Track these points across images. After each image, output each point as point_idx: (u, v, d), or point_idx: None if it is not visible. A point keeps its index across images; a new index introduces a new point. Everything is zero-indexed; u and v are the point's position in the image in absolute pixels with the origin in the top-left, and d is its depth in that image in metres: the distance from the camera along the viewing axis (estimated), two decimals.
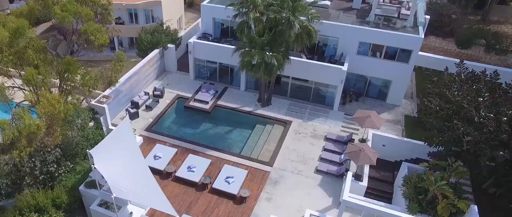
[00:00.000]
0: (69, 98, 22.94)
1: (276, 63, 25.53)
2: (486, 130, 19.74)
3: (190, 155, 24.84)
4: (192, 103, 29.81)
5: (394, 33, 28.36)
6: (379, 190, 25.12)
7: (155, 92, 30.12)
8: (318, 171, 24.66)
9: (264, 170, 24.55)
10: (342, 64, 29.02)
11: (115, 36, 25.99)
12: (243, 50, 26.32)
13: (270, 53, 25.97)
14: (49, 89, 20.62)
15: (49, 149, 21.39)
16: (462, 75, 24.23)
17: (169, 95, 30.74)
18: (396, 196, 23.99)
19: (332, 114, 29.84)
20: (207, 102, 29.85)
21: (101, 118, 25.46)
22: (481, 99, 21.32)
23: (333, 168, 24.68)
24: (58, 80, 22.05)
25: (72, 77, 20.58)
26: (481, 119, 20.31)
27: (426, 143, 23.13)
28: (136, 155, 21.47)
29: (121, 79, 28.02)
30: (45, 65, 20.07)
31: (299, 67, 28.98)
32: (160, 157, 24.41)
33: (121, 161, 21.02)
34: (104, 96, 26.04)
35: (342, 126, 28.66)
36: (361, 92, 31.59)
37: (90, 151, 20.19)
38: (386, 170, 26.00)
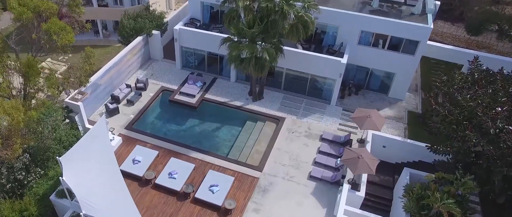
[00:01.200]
0: (41, 96, 20.74)
1: (267, 58, 23.06)
2: (503, 145, 17.50)
3: (172, 158, 22.77)
4: (177, 97, 27.52)
5: (400, 22, 25.64)
6: (377, 197, 23.20)
7: (138, 84, 27.78)
8: (311, 177, 22.64)
9: (253, 176, 22.53)
10: (342, 56, 26.51)
11: (85, 31, 23.27)
12: (230, 42, 23.78)
13: (261, 46, 23.49)
14: (10, 92, 18.32)
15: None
16: (476, 74, 21.77)
17: (153, 87, 28.38)
18: (395, 206, 22.08)
19: (329, 109, 27.55)
20: (193, 96, 27.55)
21: (76, 117, 23.30)
22: (499, 109, 18.91)
23: (328, 174, 22.63)
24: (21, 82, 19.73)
25: (34, 81, 18.22)
26: (497, 131, 18.03)
27: (431, 150, 20.96)
28: (111, 164, 19.47)
29: (100, 72, 25.67)
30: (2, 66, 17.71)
31: (294, 58, 26.49)
32: (139, 161, 22.36)
33: (93, 172, 19.03)
34: (79, 93, 23.76)
35: (340, 124, 26.43)
36: (361, 85, 29.17)
37: (60, 158, 18.22)
38: (385, 174, 24.01)
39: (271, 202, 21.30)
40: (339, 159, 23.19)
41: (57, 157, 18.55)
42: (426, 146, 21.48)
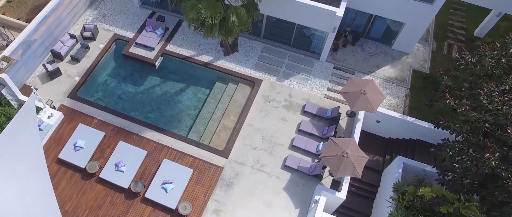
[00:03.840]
0: None
1: (236, 22, 17.69)
2: None
3: (121, 143, 19.11)
4: (132, 50, 22.63)
5: None
6: (363, 182, 20.03)
7: (84, 33, 22.64)
8: (286, 167, 19.18)
9: (216, 164, 19.09)
10: (338, 2, 20.73)
11: None
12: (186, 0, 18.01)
13: (229, 3, 17.97)
14: None
15: None
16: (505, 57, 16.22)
17: (104, 36, 23.22)
18: (381, 193, 19.07)
19: (317, 66, 22.72)
20: (152, 48, 22.61)
21: (4, 91, 19.12)
22: None
23: (305, 164, 19.10)
24: None
25: None
26: None
27: (436, 126, 16.66)
28: (37, 165, 16.04)
29: (32, 24, 20.53)
30: None
31: (276, 5, 20.81)
32: (81, 147, 18.81)
33: (14, 178, 15.72)
34: (3, 59, 19.13)
35: (328, 89, 21.92)
36: (360, 33, 23.72)
37: None
38: (375, 151, 20.48)
39: (234, 200, 18.25)
40: (317, 158, 19.42)
41: None
42: (432, 121, 17.16)
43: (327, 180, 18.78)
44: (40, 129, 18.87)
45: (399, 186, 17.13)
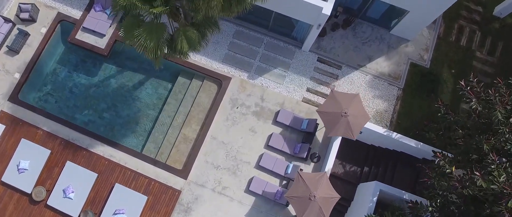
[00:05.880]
0: None
1: (186, 48, 14.11)
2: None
3: (68, 163, 17.26)
4: (79, 36, 19.16)
5: None
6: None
7: (21, 15, 18.96)
8: (250, 191, 17.48)
9: (173, 187, 17.43)
10: None
11: None
12: (119, 8, 13.80)
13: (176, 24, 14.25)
14: None
15: None
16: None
17: (46, 15, 19.41)
18: (353, 209, 17.76)
19: (298, 58, 19.30)
20: (102, 35, 19.12)
21: None
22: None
23: (272, 188, 17.34)
24: None
25: None
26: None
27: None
28: None
29: None
30: None
31: None
32: (25, 169, 17.13)
33: None
34: None
35: (308, 89, 18.91)
36: (355, 13, 19.48)
37: None
38: (353, 160, 18.39)
39: None
40: (282, 191, 17.37)
41: None
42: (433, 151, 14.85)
43: None
44: None
45: None
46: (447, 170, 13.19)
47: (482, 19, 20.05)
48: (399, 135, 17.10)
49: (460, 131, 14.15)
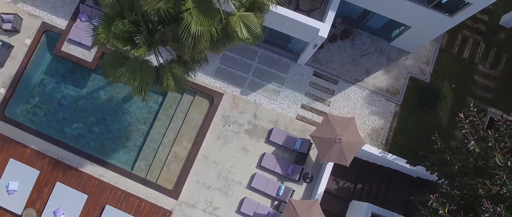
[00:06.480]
0: None
1: (172, 85, 13.41)
2: None
3: (58, 184, 17.06)
4: (65, 48, 18.37)
5: None
6: (325, 211, 18.26)
7: (4, 26, 18.10)
8: (241, 212, 17.35)
9: (164, 208, 17.32)
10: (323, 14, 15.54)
11: None
12: (100, 43, 12.95)
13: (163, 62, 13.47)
14: None
15: None
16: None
17: (30, 25, 18.51)
18: None
19: (293, 72, 18.57)
20: (89, 47, 18.31)
21: None
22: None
23: (263, 210, 17.21)
24: None
25: None
26: None
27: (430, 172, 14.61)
28: None
29: None
30: None
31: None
32: (14, 191, 16.97)
33: None
34: None
35: (302, 106, 18.33)
36: (355, 23, 18.46)
37: None
38: (346, 176, 18.04)
39: None
40: (273, 212, 17.19)
41: None
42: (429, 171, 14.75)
43: None
44: None
45: None
46: (440, 212, 12.97)
47: (487, 29, 19.06)
48: (394, 157, 16.77)
49: (456, 167, 13.76)
